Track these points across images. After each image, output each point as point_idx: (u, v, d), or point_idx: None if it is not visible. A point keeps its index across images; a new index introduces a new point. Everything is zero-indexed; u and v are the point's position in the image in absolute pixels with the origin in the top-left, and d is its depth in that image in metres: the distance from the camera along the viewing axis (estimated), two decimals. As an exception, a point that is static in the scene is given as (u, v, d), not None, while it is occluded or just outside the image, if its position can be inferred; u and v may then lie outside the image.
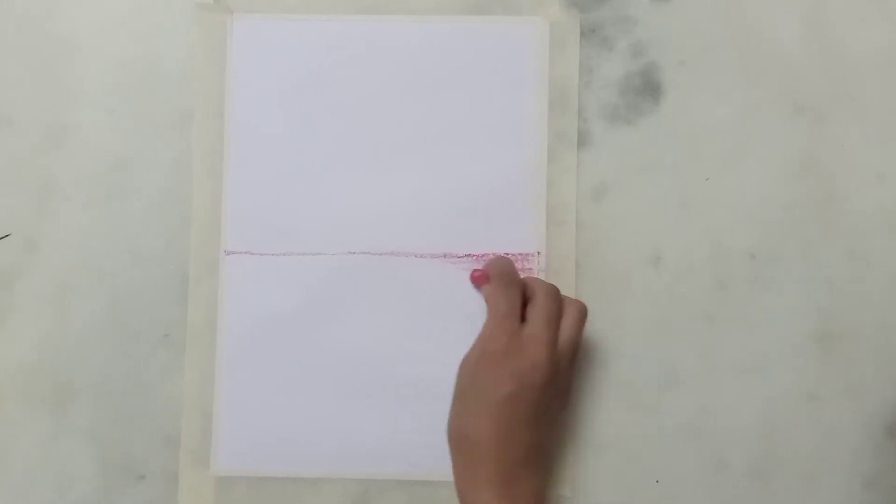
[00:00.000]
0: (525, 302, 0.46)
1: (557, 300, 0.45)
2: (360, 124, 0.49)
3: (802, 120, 0.49)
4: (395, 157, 0.49)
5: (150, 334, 0.49)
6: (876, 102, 0.49)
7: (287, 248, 0.49)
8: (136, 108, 0.50)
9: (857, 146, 0.49)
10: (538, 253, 0.49)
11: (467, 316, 0.48)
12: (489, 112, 0.49)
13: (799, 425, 0.48)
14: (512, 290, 0.45)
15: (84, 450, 0.49)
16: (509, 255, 0.49)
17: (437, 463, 0.48)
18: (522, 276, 0.47)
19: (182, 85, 0.50)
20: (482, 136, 0.49)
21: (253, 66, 0.50)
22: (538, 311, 0.44)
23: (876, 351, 0.48)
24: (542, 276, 0.48)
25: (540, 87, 0.49)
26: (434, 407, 0.48)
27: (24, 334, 0.49)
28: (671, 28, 0.50)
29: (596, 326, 0.48)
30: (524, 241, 0.49)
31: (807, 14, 0.50)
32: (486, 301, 0.46)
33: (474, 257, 0.49)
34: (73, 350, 0.49)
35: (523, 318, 0.45)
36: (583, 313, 0.46)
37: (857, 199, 0.49)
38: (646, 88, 0.50)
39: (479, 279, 0.48)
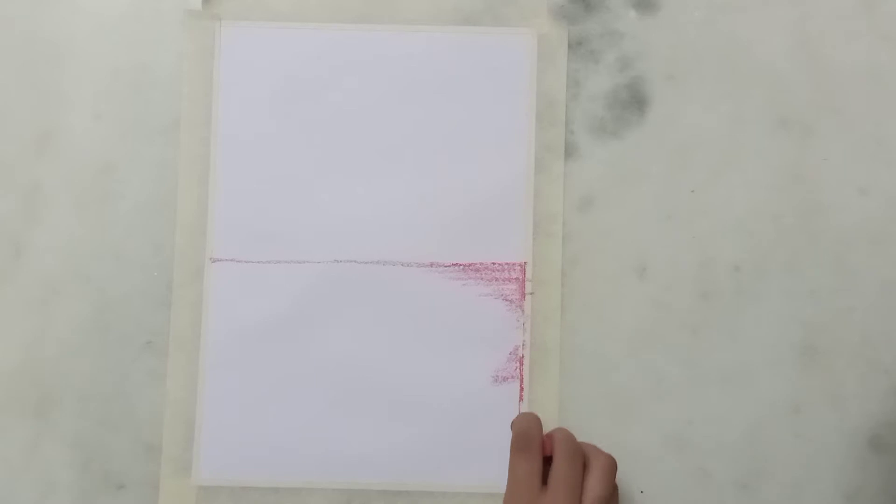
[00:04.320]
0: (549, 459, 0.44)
1: (578, 460, 0.43)
2: (348, 133, 0.49)
3: (788, 133, 0.50)
4: (383, 166, 0.49)
5: (133, 341, 0.49)
6: (860, 116, 0.50)
7: (273, 255, 0.49)
8: (123, 114, 0.50)
9: (841, 160, 0.50)
10: (524, 263, 0.49)
11: (452, 325, 0.48)
12: (477, 122, 0.49)
13: (782, 437, 0.48)
14: (531, 455, 0.43)
15: (65, 456, 0.48)
16: (496, 265, 0.49)
17: (420, 472, 0.48)
18: (544, 425, 0.45)
19: (170, 91, 0.50)
20: (470, 147, 0.49)
21: (241, 74, 0.50)
22: (557, 478, 0.42)
23: (859, 364, 0.48)
24: (528, 287, 0.48)
25: (528, 98, 0.49)
26: (417, 416, 0.48)
27: (7, 339, 0.49)
28: (658, 42, 0.50)
29: (581, 336, 0.48)
30: (511, 251, 0.49)
31: (793, 28, 0.50)
32: (509, 463, 0.44)
33: (461, 267, 0.49)
34: (57, 355, 0.49)
35: (546, 479, 0.43)
36: (609, 469, 0.43)
37: (842, 212, 0.49)
38: (632, 101, 0.50)
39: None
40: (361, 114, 0.50)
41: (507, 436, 0.46)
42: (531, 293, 0.49)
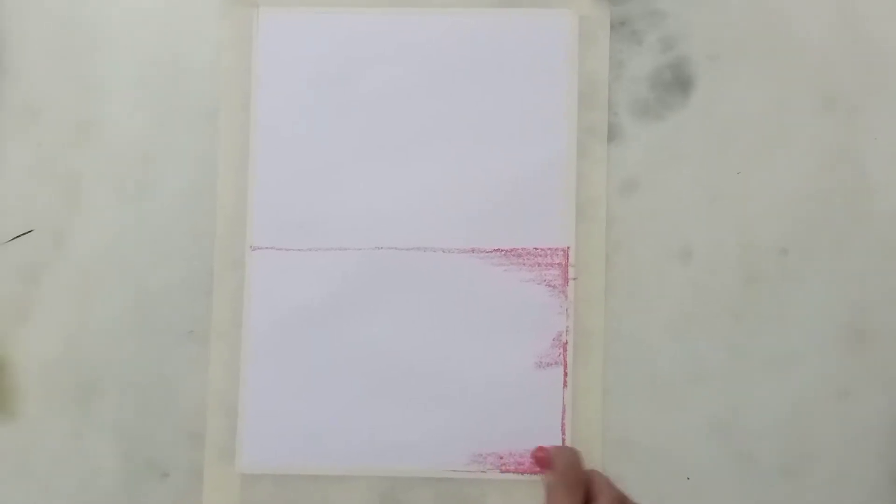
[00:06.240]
0: (588, 499, 0.40)
1: (579, 492, 0.40)
2: (387, 118, 0.49)
3: (834, 112, 0.49)
4: (423, 151, 0.49)
5: (174, 330, 0.49)
6: (909, 95, 0.49)
7: (313, 243, 0.49)
8: (162, 103, 0.50)
9: (889, 138, 0.49)
10: (567, 248, 0.48)
11: (495, 311, 0.48)
12: (518, 106, 0.49)
13: (829, 421, 0.48)
14: (575, 495, 0.40)
15: (108, 445, 0.48)
16: (538, 250, 0.48)
17: (464, 459, 0.47)
18: (583, 466, 0.41)
19: (208, 80, 0.50)
20: (511, 130, 0.49)
21: (279, 60, 0.49)
22: None
23: (908, 347, 0.48)
24: (571, 272, 0.48)
25: (569, 80, 0.49)
26: (460, 403, 0.48)
27: (49, 329, 0.49)
28: (701, 21, 0.49)
29: (625, 322, 0.48)
30: (553, 235, 0.48)
31: (837, 6, 0.49)
32: (546, 496, 0.40)
33: (503, 252, 0.48)
34: (99, 345, 0.49)
35: None
36: None
37: (890, 193, 0.48)
38: (675, 82, 0.49)
39: (541, 461, 0.42)
40: (400, 98, 0.49)
41: (549, 422, 0.46)
42: (574, 278, 0.48)
